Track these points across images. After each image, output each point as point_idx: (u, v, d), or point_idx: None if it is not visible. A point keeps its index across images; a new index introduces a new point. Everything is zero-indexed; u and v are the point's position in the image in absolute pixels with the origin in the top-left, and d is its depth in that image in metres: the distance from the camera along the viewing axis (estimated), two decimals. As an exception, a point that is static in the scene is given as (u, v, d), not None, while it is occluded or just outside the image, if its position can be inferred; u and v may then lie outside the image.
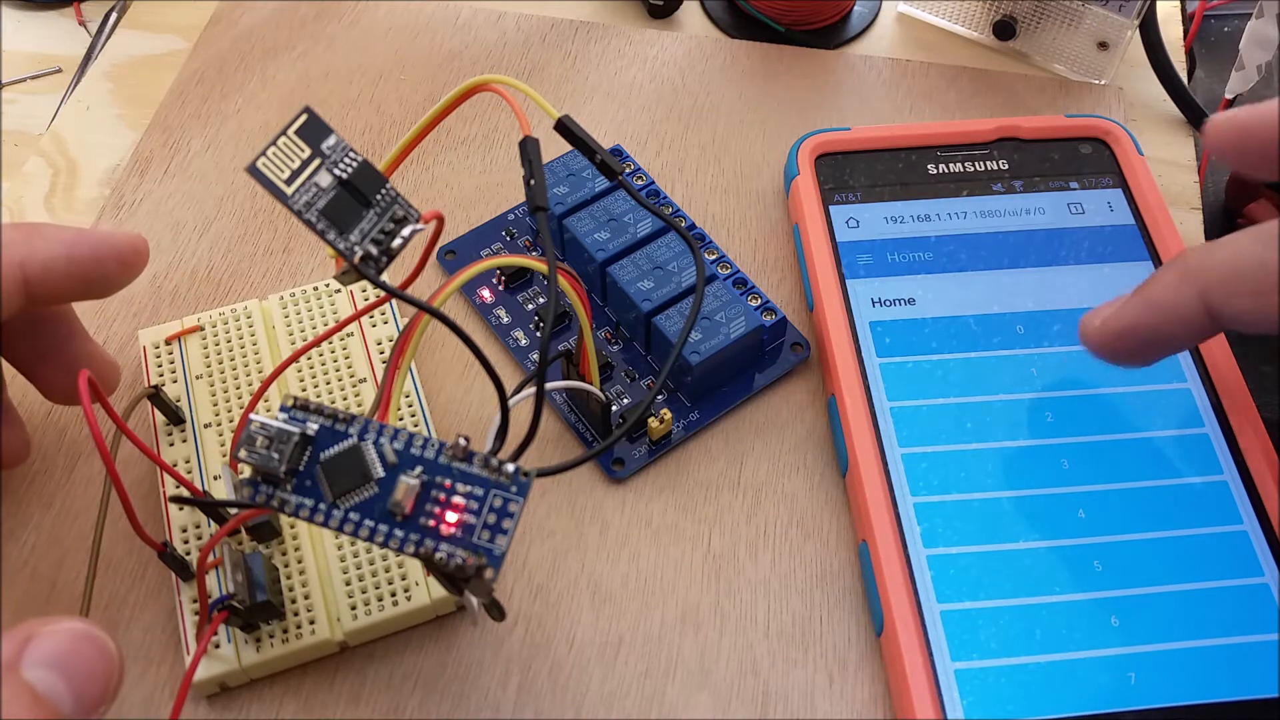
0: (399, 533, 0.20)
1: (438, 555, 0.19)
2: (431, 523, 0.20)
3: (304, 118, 0.20)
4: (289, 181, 0.19)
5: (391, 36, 0.38)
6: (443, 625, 0.26)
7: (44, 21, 0.41)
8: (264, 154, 0.19)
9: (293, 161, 0.19)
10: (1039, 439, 0.27)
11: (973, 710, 0.23)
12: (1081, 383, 0.28)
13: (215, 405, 0.27)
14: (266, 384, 0.24)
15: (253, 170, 0.19)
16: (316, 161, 0.20)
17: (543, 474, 0.21)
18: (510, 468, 0.20)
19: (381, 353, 0.28)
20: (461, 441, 0.20)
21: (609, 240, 0.30)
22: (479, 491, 0.20)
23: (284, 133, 0.19)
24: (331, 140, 0.20)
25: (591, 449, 0.28)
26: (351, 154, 0.20)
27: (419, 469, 0.20)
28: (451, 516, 0.20)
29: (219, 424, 0.27)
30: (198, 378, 0.28)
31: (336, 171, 0.20)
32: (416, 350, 0.22)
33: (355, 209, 0.20)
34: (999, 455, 0.27)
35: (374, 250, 0.20)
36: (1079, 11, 0.35)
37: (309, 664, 0.25)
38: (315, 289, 0.30)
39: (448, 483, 0.20)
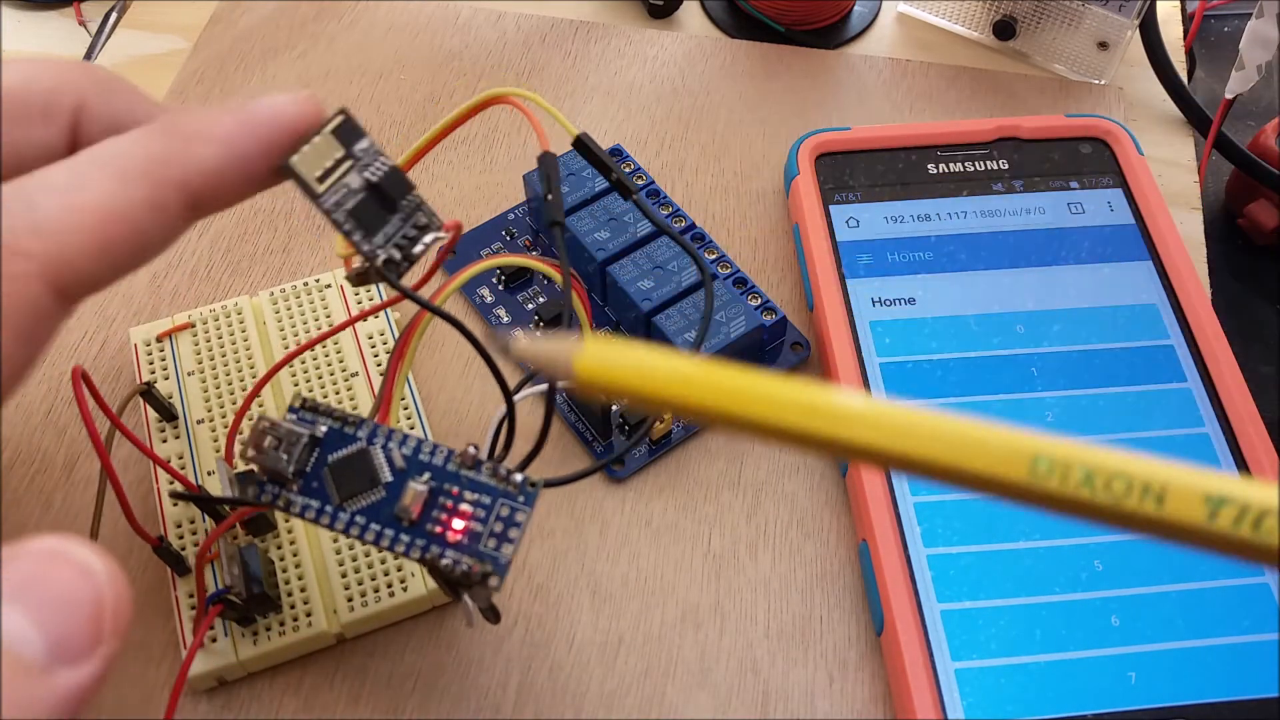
0: (405, 538, 0.20)
1: (444, 562, 0.19)
2: (438, 529, 0.20)
3: (340, 119, 0.20)
4: (321, 180, 0.19)
5: (391, 36, 0.38)
6: (443, 624, 0.26)
7: (44, 21, 0.41)
8: (299, 151, 0.19)
9: (326, 161, 0.19)
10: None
11: (973, 710, 0.23)
12: (1082, 382, 0.28)
13: (208, 401, 0.28)
14: (260, 384, 0.24)
15: (286, 167, 0.19)
16: (349, 163, 0.20)
17: (550, 484, 0.21)
18: (518, 477, 0.20)
19: (373, 346, 0.28)
20: (470, 450, 0.20)
21: (609, 240, 0.30)
22: (486, 500, 0.20)
23: (320, 131, 0.19)
24: (365, 143, 0.20)
25: (595, 452, 0.28)
26: (382, 159, 0.20)
27: (427, 475, 0.20)
28: (458, 524, 0.20)
29: (212, 420, 0.27)
30: (189, 374, 0.28)
31: (367, 174, 0.20)
32: (415, 354, 0.22)
33: (381, 213, 0.20)
34: (999, 455, 0.27)
35: (397, 255, 0.20)
36: (1079, 11, 0.35)
37: (308, 663, 0.25)
38: (305, 284, 0.30)
39: (455, 490, 0.20)
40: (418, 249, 0.20)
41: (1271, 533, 0.12)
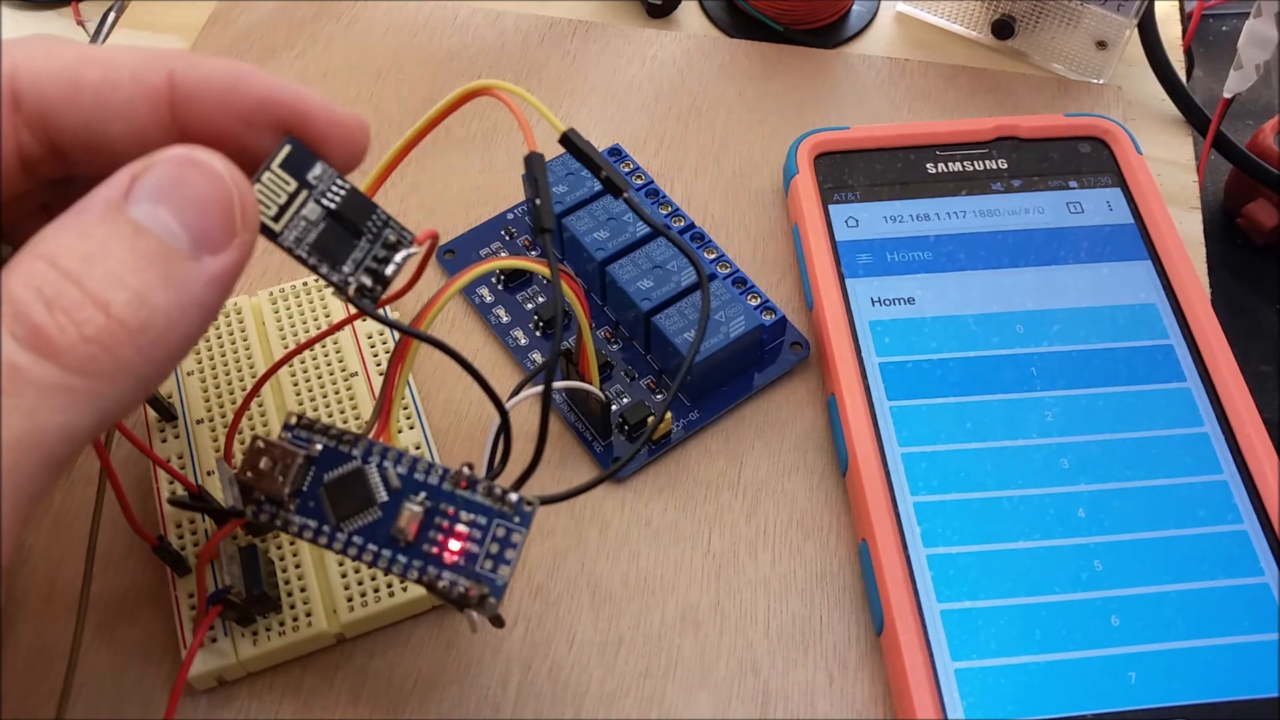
0: (402, 559, 0.20)
1: (441, 584, 0.19)
2: (434, 550, 0.20)
3: (287, 149, 0.19)
4: (277, 218, 0.19)
5: (390, 36, 0.38)
6: (443, 624, 0.26)
7: (43, 21, 0.41)
8: None
9: (279, 196, 0.19)
10: (1039, 438, 0.27)
11: (973, 710, 0.23)
12: (1081, 382, 0.28)
13: (207, 402, 0.27)
14: (259, 384, 0.24)
15: None
16: (304, 194, 0.19)
17: (547, 502, 0.21)
18: (514, 497, 0.20)
19: (372, 347, 0.28)
20: (465, 470, 0.20)
21: (608, 240, 0.30)
22: (482, 520, 0.20)
23: (268, 167, 0.19)
24: (318, 169, 0.19)
25: (595, 452, 0.28)
26: (339, 181, 0.19)
27: (422, 495, 0.20)
28: (455, 545, 0.20)
29: (211, 420, 0.27)
30: (189, 374, 0.28)
31: (325, 202, 0.19)
32: (413, 361, 0.22)
33: (346, 239, 0.19)
34: (999, 454, 0.27)
35: (368, 281, 0.19)
36: (1077, 11, 0.35)
37: (308, 663, 0.25)
38: (305, 284, 0.30)
39: (451, 510, 0.20)
40: (390, 269, 0.20)
41: None
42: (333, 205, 0.19)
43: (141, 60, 0.19)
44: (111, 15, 0.40)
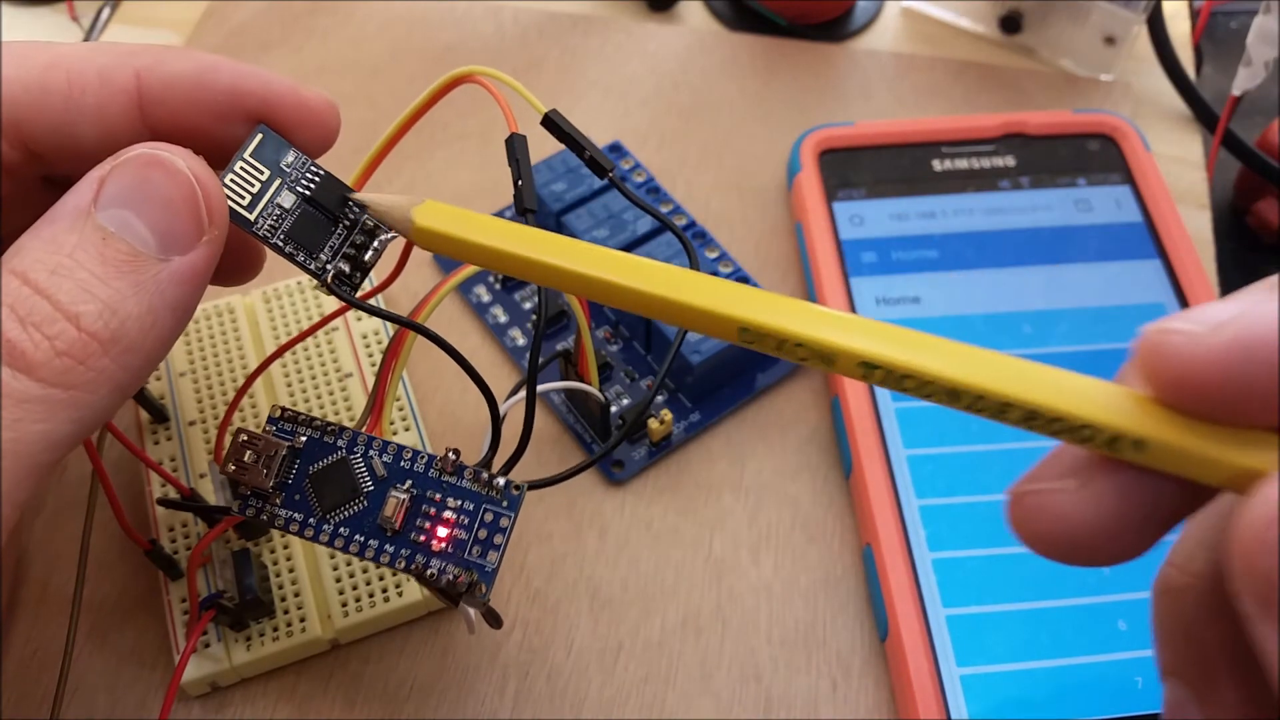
0: (390, 548, 0.19)
1: (429, 571, 0.19)
2: (422, 538, 0.19)
3: (259, 137, 0.19)
4: (250, 207, 0.18)
5: (387, 30, 0.38)
6: (439, 629, 0.25)
7: (37, 17, 0.40)
8: (221, 180, 0.18)
9: (252, 185, 0.18)
10: (1046, 440, 0.27)
11: (978, 715, 0.23)
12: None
13: (199, 403, 0.27)
14: (250, 380, 0.24)
15: None
16: (277, 181, 0.19)
17: (534, 486, 0.20)
18: (501, 481, 0.20)
19: (367, 346, 0.28)
20: (451, 455, 0.20)
21: (608, 238, 0.29)
22: (470, 506, 0.20)
23: (240, 156, 0.18)
24: (290, 156, 0.19)
25: (591, 452, 0.28)
26: (313, 168, 0.19)
27: (408, 483, 0.20)
28: (442, 531, 0.19)
29: (204, 422, 0.27)
30: (181, 375, 0.27)
31: (299, 189, 0.19)
32: (408, 357, 0.21)
33: (323, 225, 0.19)
34: (1005, 457, 0.26)
35: (346, 268, 0.19)
36: (1086, 6, 0.35)
37: (303, 668, 0.25)
38: (299, 284, 0.29)
39: (438, 496, 0.20)
40: (369, 256, 0.20)
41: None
42: (307, 192, 0.19)
43: (109, 61, 0.19)
44: (105, 11, 0.39)
